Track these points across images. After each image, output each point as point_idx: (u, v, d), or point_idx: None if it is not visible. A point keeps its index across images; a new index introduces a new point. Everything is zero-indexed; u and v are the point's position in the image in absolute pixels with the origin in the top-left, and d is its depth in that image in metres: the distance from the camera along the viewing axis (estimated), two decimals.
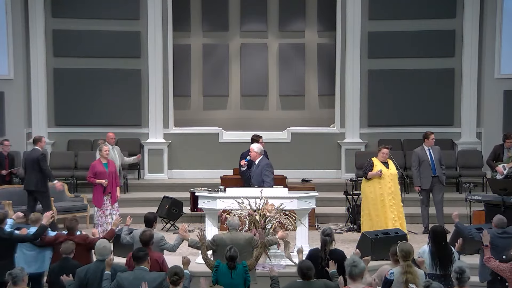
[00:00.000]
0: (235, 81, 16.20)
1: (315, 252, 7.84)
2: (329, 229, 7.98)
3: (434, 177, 11.71)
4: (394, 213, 10.82)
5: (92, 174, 10.98)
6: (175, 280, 6.77)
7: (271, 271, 7.47)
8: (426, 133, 11.96)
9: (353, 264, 6.41)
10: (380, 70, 15.09)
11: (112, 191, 11.05)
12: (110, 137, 12.66)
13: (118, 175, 11.50)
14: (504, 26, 14.71)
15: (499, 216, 8.55)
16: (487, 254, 7.59)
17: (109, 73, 15.09)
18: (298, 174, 13.86)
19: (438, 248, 7.65)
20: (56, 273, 7.67)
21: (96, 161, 11.25)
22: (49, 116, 15.12)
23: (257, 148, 10.67)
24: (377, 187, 10.89)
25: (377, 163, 10.98)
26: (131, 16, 15.07)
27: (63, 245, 7.84)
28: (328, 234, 7.79)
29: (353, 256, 6.63)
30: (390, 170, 10.99)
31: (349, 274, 6.44)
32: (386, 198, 10.83)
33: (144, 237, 7.86)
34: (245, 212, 9.24)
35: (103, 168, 11.00)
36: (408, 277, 6.72)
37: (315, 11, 16.02)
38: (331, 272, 7.24)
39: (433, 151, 11.81)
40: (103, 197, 10.94)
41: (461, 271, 6.54)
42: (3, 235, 8.34)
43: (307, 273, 6.70)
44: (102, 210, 10.92)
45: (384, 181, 10.88)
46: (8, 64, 14.87)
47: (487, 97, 14.90)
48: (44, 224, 8.41)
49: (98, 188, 10.93)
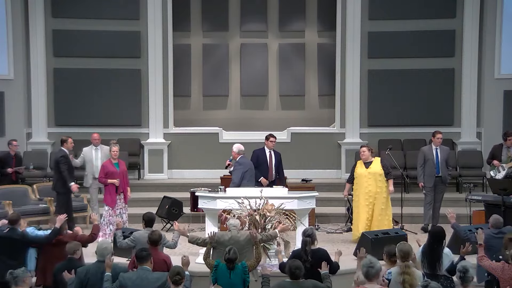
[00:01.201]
0: (235, 81, 16.20)
1: (298, 253, 7.80)
2: (310, 229, 7.98)
3: (437, 177, 11.74)
4: (369, 213, 10.86)
5: (103, 175, 10.97)
6: (177, 280, 6.75)
7: (263, 269, 7.49)
8: (434, 132, 12.03)
9: (369, 265, 6.48)
10: (380, 70, 15.10)
11: (124, 190, 11.06)
12: (94, 138, 12.36)
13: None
14: (504, 26, 14.71)
15: (495, 216, 8.59)
16: (481, 253, 7.59)
17: (109, 73, 15.09)
18: (298, 174, 13.85)
19: (430, 248, 7.67)
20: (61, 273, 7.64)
21: (106, 161, 11.23)
22: (49, 116, 15.12)
23: (235, 148, 10.94)
24: (356, 188, 11.04)
25: (359, 165, 11.08)
26: (131, 16, 15.07)
27: (68, 246, 7.82)
28: (309, 235, 7.77)
29: (369, 257, 6.65)
30: (370, 169, 10.95)
31: (365, 275, 6.49)
32: (362, 198, 10.90)
33: (153, 237, 7.85)
34: (245, 212, 9.24)
35: (114, 168, 11.00)
36: (405, 277, 6.72)
37: (315, 11, 16.02)
38: (322, 273, 7.23)
39: (441, 151, 11.82)
40: (116, 196, 10.94)
41: (465, 270, 6.56)
42: (16, 236, 8.36)
43: (295, 272, 6.70)
44: (114, 209, 10.93)
45: (361, 181, 10.93)
46: (8, 64, 14.88)
47: (487, 97, 14.90)
48: (57, 228, 8.36)
49: (111, 188, 10.91)
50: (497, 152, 12.32)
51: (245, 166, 10.79)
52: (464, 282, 6.57)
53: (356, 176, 11.01)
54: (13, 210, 11.30)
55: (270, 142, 11.69)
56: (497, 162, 12.14)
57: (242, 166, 10.76)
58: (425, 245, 7.77)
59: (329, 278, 7.13)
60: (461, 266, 6.63)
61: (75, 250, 7.78)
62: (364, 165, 10.99)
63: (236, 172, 10.72)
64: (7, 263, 8.09)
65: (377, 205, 10.87)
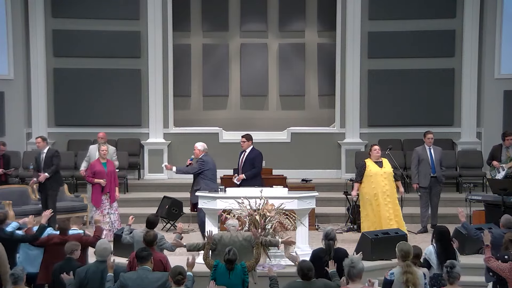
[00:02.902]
0: (235, 81, 16.20)
1: (318, 253, 7.79)
2: (332, 231, 7.91)
3: (433, 177, 11.72)
4: (389, 212, 10.80)
5: (91, 174, 10.99)
6: (179, 279, 6.74)
7: (269, 271, 7.45)
8: (425, 132, 12.03)
9: (351, 265, 6.47)
10: (380, 70, 15.09)
11: (111, 190, 11.05)
12: (100, 136, 12.42)
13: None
14: (504, 26, 14.71)
15: (506, 216, 8.55)
16: (488, 254, 7.59)
17: (109, 73, 15.09)
18: (298, 174, 13.85)
19: (444, 248, 7.66)
20: (59, 273, 7.64)
21: (95, 160, 11.27)
22: (49, 116, 15.12)
23: (200, 146, 11.02)
24: (371, 187, 10.87)
25: (370, 164, 10.97)
26: (131, 16, 15.07)
27: (66, 245, 7.81)
28: (332, 238, 7.76)
29: (351, 257, 6.66)
30: (384, 168, 10.94)
31: (347, 275, 6.49)
32: (381, 197, 10.80)
33: (148, 238, 7.85)
34: (245, 212, 9.24)
35: (102, 167, 11.02)
36: (408, 277, 6.73)
37: (315, 11, 16.02)
38: (330, 272, 7.23)
39: (434, 151, 11.82)
40: (102, 196, 10.94)
41: (452, 265, 6.58)
42: (4, 236, 8.33)
43: (307, 274, 6.69)
44: (101, 209, 10.93)
45: (377, 180, 10.85)
46: (8, 64, 14.88)
47: (487, 97, 14.90)
48: (43, 224, 8.38)
49: (97, 187, 10.95)
50: (496, 152, 12.30)
51: (207, 165, 10.86)
52: (450, 278, 6.58)
53: (370, 174, 10.85)
54: (13, 210, 11.32)
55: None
56: (496, 163, 12.14)
57: (205, 164, 10.82)
58: (436, 246, 7.75)
59: (337, 276, 7.13)
60: (448, 262, 6.66)
61: (73, 250, 7.76)
62: (376, 164, 10.97)
63: (197, 166, 10.76)
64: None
65: (394, 205, 10.86)
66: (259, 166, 11.25)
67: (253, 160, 11.23)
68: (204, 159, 10.92)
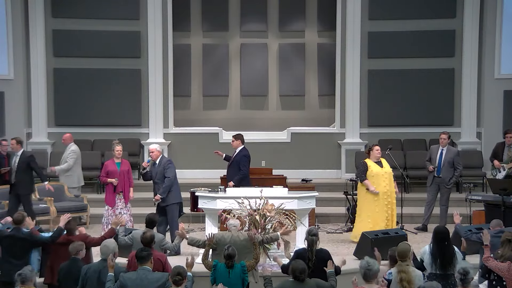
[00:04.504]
0: (235, 81, 16.21)
1: (302, 252, 7.79)
2: (314, 228, 7.99)
3: (437, 177, 11.74)
4: (388, 212, 10.84)
5: (104, 173, 10.99)
6: (177, 280, 6.74)
7: (264, 270, 7.51)
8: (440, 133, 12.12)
9: (367, 268, 6.56)
10: (380, 70, 15.10)
11: (125, 190, 11.04)
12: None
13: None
14: (504, 26, 14.71)
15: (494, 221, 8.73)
16: (487, 254, 7.60)
17: (109, 73, 15.09)
18: (298, 174, 13.84)
19: (439, 248, 7.65)
20: (64, 273, 7.67)
21: (109, 160, 11.26)
22: (49, 116, 15.12)
23: (158, 147, 11.00)
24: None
25: (370, 164, 10.98)
26: (131, 16, 15.07)
27: (71, 246, 7.82)
28: (315, 234, 7.77)
29: (367, 259, 6.69)
30: (384, 168, 10.98)
31: (363, 276, 6.55)
32: (381, 197, 10.83)
33: (145, 238, 7.84)
34: (245, 212, 9.24)
35: (115, 167, 11.00)
36: (402, 276, 6.77)
37: (315, 11, 16.03)
38: (328, 271, 7.25)
39: (446, 152, 11.82)
40: (115, 196, 10.94)
41: (465, 272, 6.62)
42: (21, 236, 8.36)
43: (300, 277, 6.72)
44: (113, 209, 10.92)
45: (379, 180, 10.87)
46: (8, 64, 14.88)
47: (487, 97, 14.90)
48: (60, 227, 8.39)
49: (110, 187, 10.93)
50: (499, 150, 12.38)
51: (174, 165, 10.85)
52: (464, 283, 6.64)
53: (372, 175, 10.87)
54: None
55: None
56: (497, 163, 12.14)
57: (172, 164, 10.79)
58: (432, 246, 7.75)
59: (334, 277, 7.15)
60: (461, 268, 6.71)
61: (78, 250, 7.77)
62: (377, 164, 10.98)
63: (171, 169, 10.68)
64: (12, 263, 8.14)
65: (392, 205, 10.89)
66: (244, 169, 11.37)
67: (238, 163, 11.40)
68: (170, 160, 10.96)
